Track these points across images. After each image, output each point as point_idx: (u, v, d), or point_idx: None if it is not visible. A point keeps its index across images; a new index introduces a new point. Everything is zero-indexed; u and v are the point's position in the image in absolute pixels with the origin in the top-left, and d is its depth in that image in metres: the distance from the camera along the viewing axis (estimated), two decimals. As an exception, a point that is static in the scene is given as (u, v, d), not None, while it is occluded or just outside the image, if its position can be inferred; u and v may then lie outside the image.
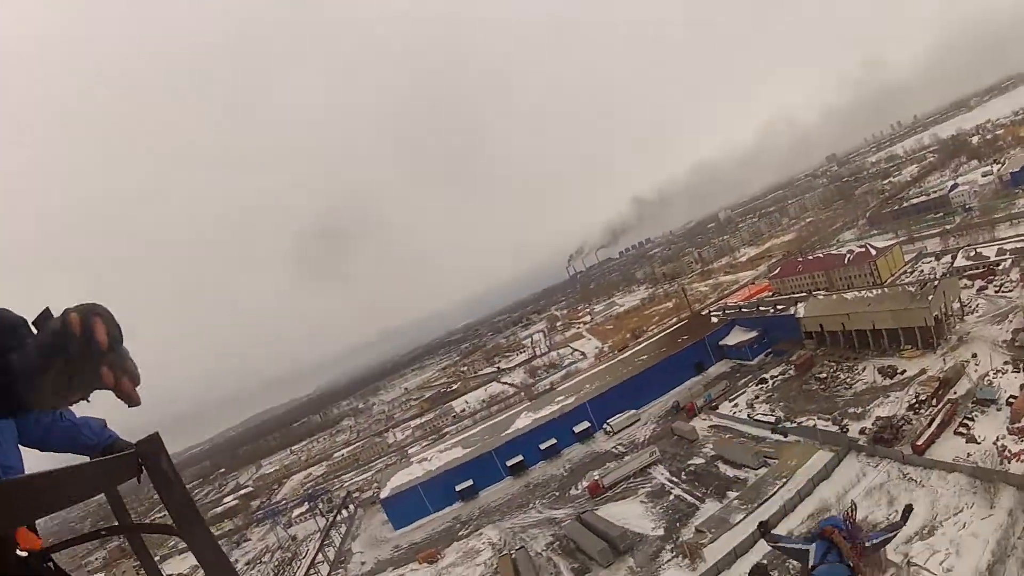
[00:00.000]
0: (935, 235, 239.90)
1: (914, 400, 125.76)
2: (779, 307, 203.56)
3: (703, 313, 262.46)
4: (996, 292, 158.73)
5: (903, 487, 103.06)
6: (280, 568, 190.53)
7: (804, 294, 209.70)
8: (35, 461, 5.65)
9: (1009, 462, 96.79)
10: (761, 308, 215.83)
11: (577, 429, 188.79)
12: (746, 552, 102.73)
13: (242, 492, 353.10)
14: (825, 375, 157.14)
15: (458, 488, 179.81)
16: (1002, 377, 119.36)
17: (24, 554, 4.92)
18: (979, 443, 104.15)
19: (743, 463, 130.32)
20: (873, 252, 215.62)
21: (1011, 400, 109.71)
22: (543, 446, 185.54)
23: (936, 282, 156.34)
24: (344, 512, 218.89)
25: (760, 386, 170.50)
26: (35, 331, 4.08)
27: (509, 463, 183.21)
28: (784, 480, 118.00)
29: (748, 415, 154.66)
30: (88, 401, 4.23)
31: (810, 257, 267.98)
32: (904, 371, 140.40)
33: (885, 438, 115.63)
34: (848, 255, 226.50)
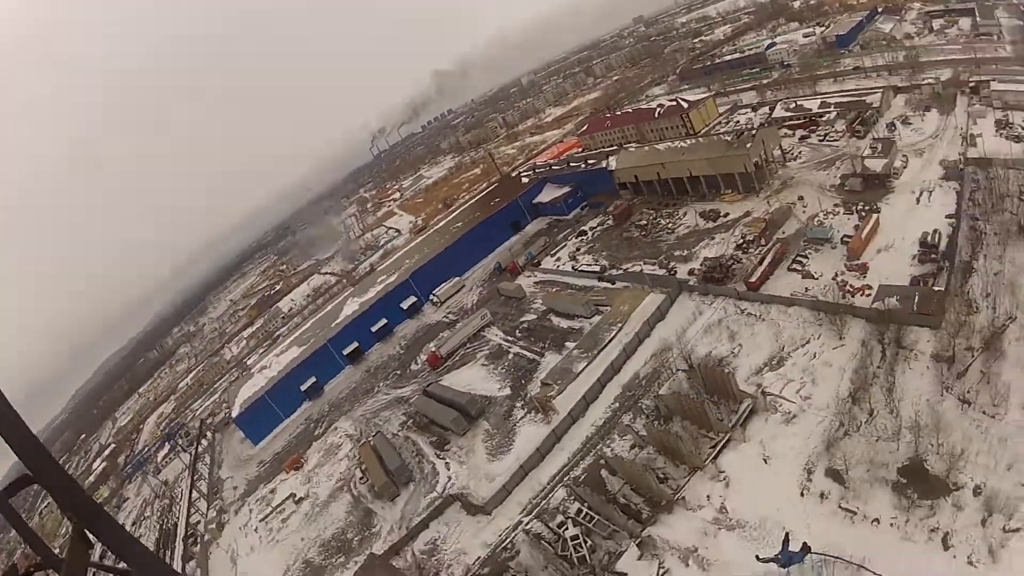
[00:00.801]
0: (750, 89, 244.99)
1: (741, 241, 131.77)
2: (590, 162, 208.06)
3: (513, 175, 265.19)
4: (820, 141, 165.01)
5: (743, 322, 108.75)
6: (163, 517, 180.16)
7: (615, 148, 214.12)
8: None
9: (853, 296, 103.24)
10: (572, 164, 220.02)
11: (404, 305, 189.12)
12: (595, 399, 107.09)
13: (107, 452, 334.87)
14: (645, 222, 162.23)
15: (303, 388, 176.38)
16: (833, 218, 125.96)
17: None
18: (816, 279, 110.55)
19: (575, 313, 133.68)
20: (685, 105, 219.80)
21: (846, 239, 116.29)
22: (375, 328, 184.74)
23: (754, 131, 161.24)
24: (203, 441, 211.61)
25: (580, 239, 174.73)
26: None
27: (346, 352, 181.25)
28: (619, 325, 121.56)
29: (572, 267, 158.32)
30: None
31: (619, 112, 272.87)
32: (727, 214, 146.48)
33: (716, 277, 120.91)
34: (659, 109, 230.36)
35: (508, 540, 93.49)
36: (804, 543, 70.79)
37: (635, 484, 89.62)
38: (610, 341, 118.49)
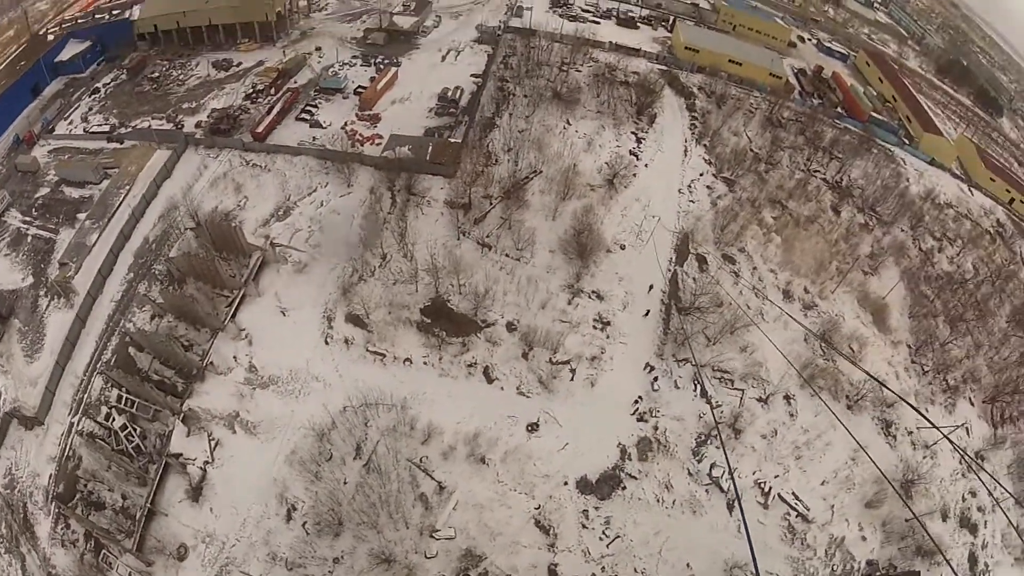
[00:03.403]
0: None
1: (251, 90, 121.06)
2: (115, 12, 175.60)
3: (40, 33, 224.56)
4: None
5: (248, 173, 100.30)
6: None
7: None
8: None
9: (362, 145, 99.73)
10: (97, 16, 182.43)
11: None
12: (111, 272, 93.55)
13: None
14: (158, 75, 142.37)
15: None
16: (350, 69, 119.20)
17: None
18: (325, 128, 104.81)
19: (86, 180, 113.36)
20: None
21: (360, 90, 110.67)
22: None
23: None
24: None
25: (94, 97, 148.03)
26: None
27: None
28: (128, 187, 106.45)
29: (84, 129, 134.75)
30: None
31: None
32: (240, 63, 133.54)
33: (223, 129, 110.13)
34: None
35: (68, 448, 79.43)
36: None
37: (163, 357, 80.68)
38: (119, 206, 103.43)
